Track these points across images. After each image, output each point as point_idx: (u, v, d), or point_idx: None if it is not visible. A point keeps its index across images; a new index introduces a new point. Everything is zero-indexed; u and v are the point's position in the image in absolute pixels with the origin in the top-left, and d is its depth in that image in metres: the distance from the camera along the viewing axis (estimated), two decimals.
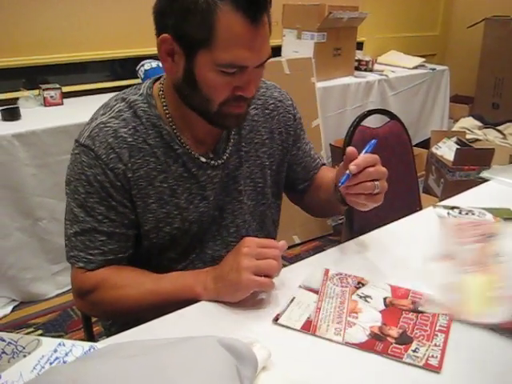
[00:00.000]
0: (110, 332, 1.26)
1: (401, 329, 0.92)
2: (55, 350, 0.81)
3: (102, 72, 2.95)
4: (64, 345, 0.82)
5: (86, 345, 0.82)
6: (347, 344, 0.88)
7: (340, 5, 3.24)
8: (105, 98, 2.93)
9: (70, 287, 2.45)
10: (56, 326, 2.28)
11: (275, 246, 1.00)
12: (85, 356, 0.79)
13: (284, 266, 1.08)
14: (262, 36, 0.94)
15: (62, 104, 2.63)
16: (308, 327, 0.92)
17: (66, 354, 0.80)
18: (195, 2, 0.90)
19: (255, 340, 0.81)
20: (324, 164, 1.39)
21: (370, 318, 0.95)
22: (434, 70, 4.02)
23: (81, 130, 1.09)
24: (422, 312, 0.96)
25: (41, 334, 2.18)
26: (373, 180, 1.02)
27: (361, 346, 0.88)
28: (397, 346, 0.87)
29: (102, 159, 1.02)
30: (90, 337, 1.33)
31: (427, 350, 0.86)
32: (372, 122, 2.01)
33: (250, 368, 0.73)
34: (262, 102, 1.22)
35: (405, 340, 0.88)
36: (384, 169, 1.05)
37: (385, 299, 1.00)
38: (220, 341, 0.72)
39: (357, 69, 3.66)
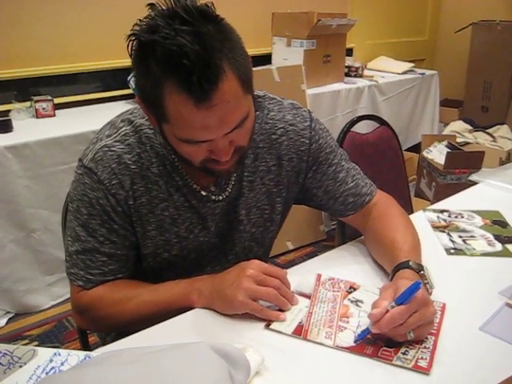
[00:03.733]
0: (105, 341, 1.26)
1: None
2: (51, 360, 0.82)
3: (93, 83, 2.96)
4: (60, 354, 0.83)
5: (82, 354, 0.83)
6: (338, 348, 0.90)
7: (329, 12, 3.26)
8: (96, 108, 2.95)
9: (64, 298, 2.48)
10: (51, 337, 2.28)
11: (280, 276, 1.00)
12: (80, 364, 0.80)
13: None
14: (218, 112, 0.86)
15: (54, 115, 2.63)
16: (299, 332, 0.94)
17: (62, 364, 0.81)
18: (147, 77, 0.87)
19: (248, 345, 0.82)
20: (370, 198, 1.23)
21: (360, 321, 0.96)
22: (423, 74, 4.05)
23: (85, 148, 1.08)
24: None
25: (36, 346, 2.18)
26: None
27: (351, 350, 0.89)
28: (386, 348, 0.89)
29: (104, 184, 1.02)
30: (86, 347, 1.33)
31: (417, 352, 0.88)
32: (362, 127, 2.03)
33: (243, 372, 0.74)
34: (270, 126, 1.14)
35: (394, 343, 0.90)
36: (427, 313, 0.89)
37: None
38: (212, 346, 0.73)
39: (347, 75, 3.67)
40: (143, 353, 0.75)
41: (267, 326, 0.95)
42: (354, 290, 1.07)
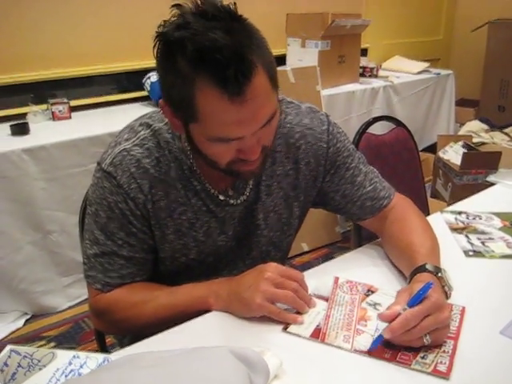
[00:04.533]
0: (122, 343, 1.27)
1: None
2: (70, 363, 0.82)
3: (108, 85, 2.98)
4: (78, 357, 0.83)
5: (100, 357, 0.83)
6: (356, 351, 0.89)
7: (343, 12, 3.26)
8: (112, 110, 2.96)
9: (81, 299, 2.50)
10: (68, 338, 2.30)
11: (297, 279, 0.99)
12: (100, 368, 0.80)
13: None
14: (251, 107, 0.86)
15: (70, 118, 2.65)
16: (317, 335, 0.93)
17: (81, 366, 0.81)
18: (176, 76, 0.86)
19: (266, 349, 0.82)
20: (388, 202, 1.22)
21: (379, 325, 0.95)
22: (438, 74, 4.03)
23: (103, 151, 1.08)
24: None
25: (53, 347, 2.20)
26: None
27: (369, 354, 0.88)
28: (405, 353, 0.88)
29: (123, 188, 1.02)
30: (103, 348, 1.34)
31: (436, 356, 0.87)
32: (378, 128, 2.02)
33: (262, 376, 0.74)
34: (287, 130, 1.14)
35: (413, 347, 0.88)
36: (441, 317, 0.87)
37: None
38: (232, 350, 0.73)
39: (361, 75, 3.66)
40: (163, 356, 0.75)
41: (285, 329, 0.95)
42: (372, 292, 1.06)
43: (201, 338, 0.94)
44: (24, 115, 2.55)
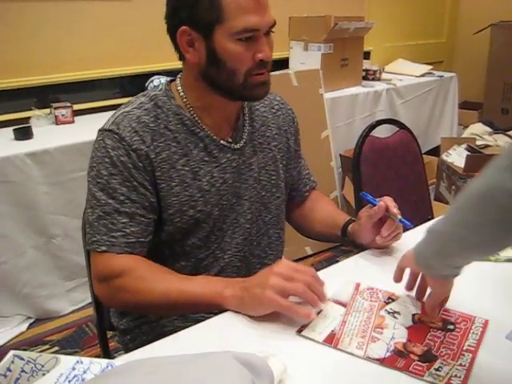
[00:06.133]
0: (127, 347, 1.26)
1: (426, 346, 0.90)
2: (73, 368, 0.82)
3: (111, 89, 2.98)
4: (82, 362, 0.83)
5: (104, 362, 0.83)
6: (368, 359, 0.87)
7: (346, 15, 3.26)
8: None
9: (84, 303, 2.48)
10: (71, 342, 2.29)
11: (309, 273, 0.99)
12: (103, 373, 0.80)
13: None
14: (263, 1, 1.07)
15: (73, 122, 2.65)
16: (331, 340, 0.92)
17: (85, 372, 0.81)
18: None
19: (270, 354, 0.81)
20: (314, 188, 1.47)
21: (395, 333, 0.93)
22: (441, 77, 4.02)
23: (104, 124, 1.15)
24: (450, 330, 0.94)
25: (57, 351, 2.20)
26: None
27: (382, 362, 0.86)
28: (419, 363, 0.86)
29: (125, 141, 1.08)
30: (106, 353, 1.34)
31: (451, 369, 0.84)
32: (381, 131, 2.01)
33: (266, 382, 0.73)
34: (268, 102, 1.32)
35: (428, 358, 0.87)
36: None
37: (413, 315, 0.99)
38: (236, 356, 0.73)
39: (364, 78, 3.66)
40: (167, 362, 0.74)
41: (299, 332, 0.93)
42: (393, 300, 1.04)
43: (207, 341, 0.93)
44: (27, 119, 2.55)
